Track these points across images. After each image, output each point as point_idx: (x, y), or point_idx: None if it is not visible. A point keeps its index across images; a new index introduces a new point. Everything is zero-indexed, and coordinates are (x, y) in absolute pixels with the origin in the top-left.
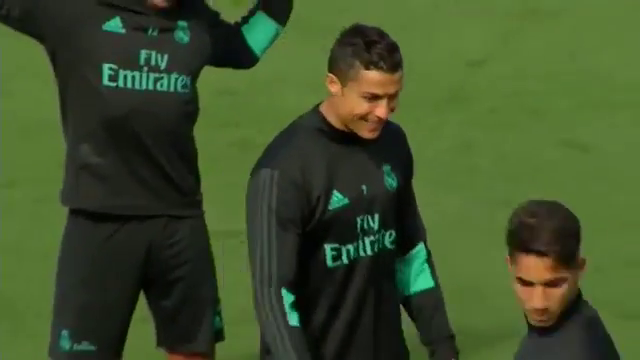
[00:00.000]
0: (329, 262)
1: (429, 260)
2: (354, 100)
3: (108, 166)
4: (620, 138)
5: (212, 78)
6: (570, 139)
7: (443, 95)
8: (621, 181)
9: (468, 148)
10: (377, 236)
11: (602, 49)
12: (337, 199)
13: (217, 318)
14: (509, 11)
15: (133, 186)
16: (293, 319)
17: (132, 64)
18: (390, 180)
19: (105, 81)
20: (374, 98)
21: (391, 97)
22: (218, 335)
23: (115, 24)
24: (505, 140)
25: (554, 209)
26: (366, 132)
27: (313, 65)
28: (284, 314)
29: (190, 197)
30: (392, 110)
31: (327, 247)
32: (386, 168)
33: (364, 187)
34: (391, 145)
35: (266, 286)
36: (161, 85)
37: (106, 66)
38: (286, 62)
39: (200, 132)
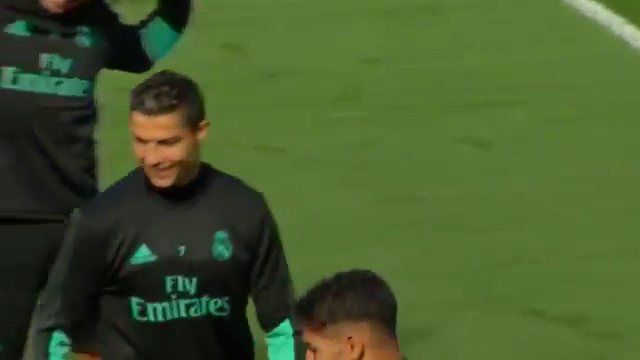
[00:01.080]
0: (135, 315)
1: (292, 341)
2: (134, 141)
3: (5, 167)
4: (517, 135)
5: (114, 75)
6: (469, 136)
7: (339, 93)
8: (520, 177)
9: (367, 145)
10: (195, 300)
11: (492, 48)
12: (143, 254)
13: None
14: (406, 9)
15: (33, 189)
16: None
17: (34, 67)
18: (221, 248)
19: (6, 84)
20: (142, 142)
21: (163, 143)
22: None
23: (19, 27)
24: (404, 137)
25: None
26: (155, 179)
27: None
28: (47, 354)
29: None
30: (174, 164)
31: (133, 300)
32: (220, 235)
33: (182, 248)
34: (236, 214)
35: (39, 327)
36: (61, 89)
37: (8, 69)
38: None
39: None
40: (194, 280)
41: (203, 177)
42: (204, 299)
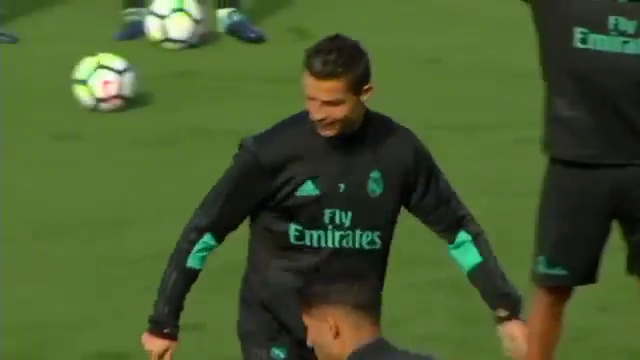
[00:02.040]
0: (292, 239)
1: (474, 241)
2: (306, 99)
3: (578, 119)
4: None
5: None
6: None
7: None
8: None
9: None
10: (348, 232)
11: None
12: (308, 188)
13: None
14: None
15: (601, 138)
16: (192, 261)
17: (602, 28)
18: (374, 186)
19: (576, 43)
20: (311, 99)
21: (327, 103)
22: None
23: None
24: None
25: None
26: (320, 129)
27: None
28: (188, 252)
29: None
30: (337, 120)
31: (292, 226)
32: (374, 174)
33: (342, 185)
34: (390, 154)
35: (196, 221)
36: (628, 48)
37: (577, 29)
38: None
39: None
40: (349, 214)
41: (364, 123)
42: (357, 232)
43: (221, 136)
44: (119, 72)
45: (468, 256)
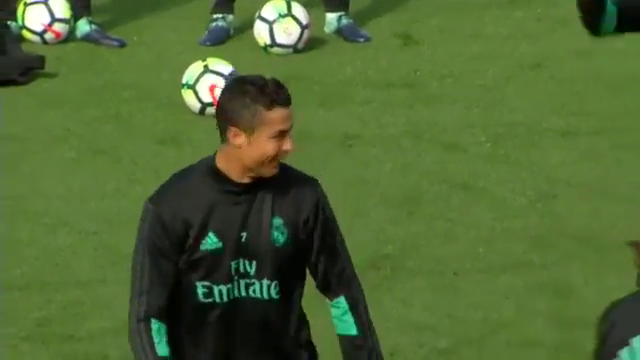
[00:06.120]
0: (201, 297)
1: (352, 312)
2: (264, 143)
3: None
4: None
5: None
6: None
7: None
8: None
9: None
10: (253, 281)
11: None
12: (211, 241)
13: None
14: None
15: None
16: (161, 349)
17: None
18: (277, 234)
19: None
20: (281, 135)
21: (288, 133)
22: None
23: None
24: None
25: None
26: (271, 170)
27: None
28: (152, 345)
29: None
30: (288, 152)
31: (198, 284)
32: (276, 222)
33: (244, 234)
34: (290, 201)
35: (136, 316)
36: None
37: None
38: None
39: None
40: (254, 263)
41: None
42: (264, 281)
43: (328, 141)
44: (226, 76)
45: (344, 324)
